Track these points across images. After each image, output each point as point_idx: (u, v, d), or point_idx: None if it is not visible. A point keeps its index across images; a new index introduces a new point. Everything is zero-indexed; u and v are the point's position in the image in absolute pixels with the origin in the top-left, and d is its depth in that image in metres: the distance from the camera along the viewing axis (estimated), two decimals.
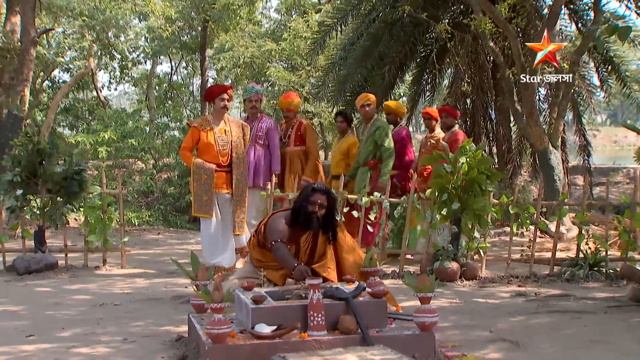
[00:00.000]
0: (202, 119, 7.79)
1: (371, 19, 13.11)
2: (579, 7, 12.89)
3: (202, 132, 7.57)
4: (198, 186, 7.50)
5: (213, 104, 7.73)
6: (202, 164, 7.53)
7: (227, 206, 7.69)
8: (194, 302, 4.83)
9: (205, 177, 7.49)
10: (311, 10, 19.35)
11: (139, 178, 17.01)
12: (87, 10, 18.15)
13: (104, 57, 21.21)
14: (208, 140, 7.56)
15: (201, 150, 7.60)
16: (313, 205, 5.19)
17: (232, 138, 7.67)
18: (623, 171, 20.20)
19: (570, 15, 13.16)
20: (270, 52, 18.19)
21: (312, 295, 4.32)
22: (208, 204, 7.51)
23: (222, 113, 7.69)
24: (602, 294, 6.57)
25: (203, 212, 7.52)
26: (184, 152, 7.68)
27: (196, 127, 7.60)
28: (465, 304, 6.19)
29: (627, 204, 7.88)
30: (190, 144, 7.64)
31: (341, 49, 13.92)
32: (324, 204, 5.21)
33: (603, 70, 13.41)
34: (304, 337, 4.18)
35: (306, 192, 5.28)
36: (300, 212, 5.23)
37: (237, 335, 4.22)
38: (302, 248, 5.28)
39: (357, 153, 8.86)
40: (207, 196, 7.50)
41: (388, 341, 4.25)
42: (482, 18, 10.12)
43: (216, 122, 7.68)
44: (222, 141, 7.62)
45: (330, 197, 5.29)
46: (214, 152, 7.57)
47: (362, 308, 4.42)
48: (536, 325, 5.23)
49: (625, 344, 4.53)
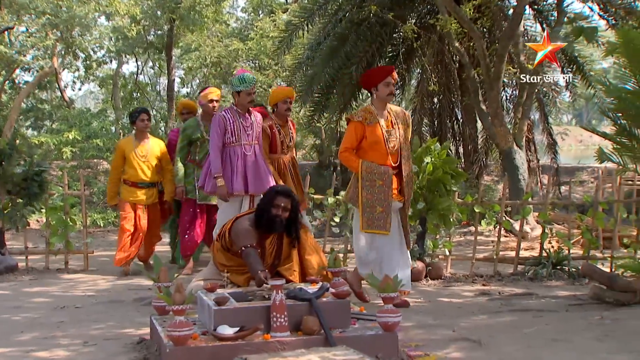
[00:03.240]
0: (364, 110, 6.19)
1: (338, 18, 13.13)
2: (543, 7, 13.04)
3: (368, 128, 6.08)
4: (370, 195, 6.01)
5: (374, 91, 6.14)
6: (375, 167, 6.02)
7: (398, 217, 6.22)
8: (155, 304, 4.77)
9: (380, 182, 6.01)
10: (278, 9, 19.29)
11: (104, 179, 16.79)
12: (50, 9, 17.88)
13: (67, 57, 20.91)
14: (375, 136, 6.06)
15: (364, 149, 6.11)
16: (277, 208, 5.21)
17: (400, 132, 6.19)
18: (588, 170, 20.45)
19: (535, 15, 13.32)
20: (237, 51, 18.10)
21: (275, 296, 4.30)
22: (383, 217, 5.99)
23: (387, 102, 6.21)
24: (564, 292, 6.65)
25: (377, 227, 6.00)
26: (347, 154, 6.13)
27: (360, 122, 6.09)
28: (430, 304, 6.22)
29: (589, 202, 7.97)
30: (355, 142, 6.10)
31: (308, 49, 13.92)
32: (287, 207, 5.23)
33: (568, 70, 13.58)
34: (267, 339, 4.16)
35: (270, 196, 5.29)
36: (263, 215, 5.23)
37: (199, 337, 4.19)
38: (267, 251, 5.28)
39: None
40: (383, 207, 5.99)
41: (351, 341, 4.24)
42: (448, 18, 10.19)
43: (380, 113, 6.15)
44: (390, 137, 6.13)
45: (293, 200, 5.29)
46: (383, 150, 6.07)
47: (325, 309, 4.40)
48: (498, 324, 5.26)
49: (585, 342, 4.57)
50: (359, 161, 6.05)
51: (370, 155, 6.07)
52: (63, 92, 22.21)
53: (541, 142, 15.03)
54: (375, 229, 5.99)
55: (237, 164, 6.69)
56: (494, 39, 12.47)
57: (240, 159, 6.71)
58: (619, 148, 6.62)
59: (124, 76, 25.02)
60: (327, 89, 13.38)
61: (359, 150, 6.13)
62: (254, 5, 20.85)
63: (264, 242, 5.28)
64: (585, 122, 44.74)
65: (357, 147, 6.12)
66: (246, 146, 6.74)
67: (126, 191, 7.71)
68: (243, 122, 6.73)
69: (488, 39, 12.66)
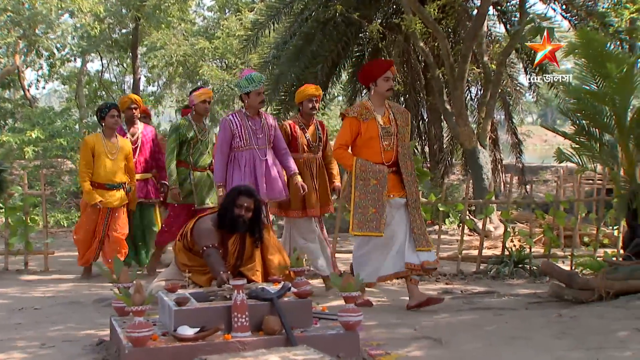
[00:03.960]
0: (360, 106, 6.00)
1: (304, 18, 13.13)
2: (506, 8, 13.18)
3: (363, 124, 5.86)
4: (363, 195, 5.79)
5: (373, 86, 5.92)
6: (370, 165, 5.83)
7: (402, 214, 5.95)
8: (115, 304, 4.72)
9: (374, 182, 5.79)
10: (244, 8, 19.23)
11: (68, 178, 16.59)
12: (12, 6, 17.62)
13: (30, 54, 20.62)
14: (370, 133, 5.86)
15: (359, 146, 5.93)
16: (240, 208, 5.18)
17: (398, 129, 5.97)
18: (552, 170, 20.73)
19: (499, 16, 13.46)
20: (203, 50, 18.03)
21: (236, 296, 4.28)
22: (377, 218, 5.74)
23: (386, 97, 6.02)
24: (525, 290, 6.73)
25: (369, 228, 5.76)
26: (341, 151, 5.95)
27: (355, 118, 5.88)
28: (393, 302, 6.25)
29: (550, 201, 8.08)
30: (349, 139, 5.90)
31: (274, 48, 13.91)
32: (250, 207, 5.21)
33: (531, 70, 13.75)
34: (228, 339, 4.14)
35: (232, 196, 5.26)
36: (226, 215, 5.21)
37: (159, 338, 4.15)
38: (230, 251, 5.26)
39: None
40: (376, 207, 5.76)
41: (312, 341, 4.23)
42: (412, 18, 10.25)
43: (378, 109, 5.93)
44: (386, 133, 5.91)
45: (256, 200, 5.28)
46: (377, 148, 5.88)
47: (286, 308, 4.39)
48: (459, 322, 5.30)
49: (544, 339, 4.63)
50: (354, 159, 5.85)
51: (365, 152, 5.86)
52: (26, 90, 21.90)
53: (506, 142, 15.20)
54: (367, 230, 5.74)
55: (246, 170, 6.29)
56: (458, 39, 12.58)
57: (250, 164, 6.31)
58: (578, 148, 6.73)
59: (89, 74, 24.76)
60: (293, 88, 13.34)
61: (353, 147, 5.94)
62: (220, 4, 20.77)
63: (226, 242, 5.26)
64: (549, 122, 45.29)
65: (352, 144, 5.93)
66: (257, 150, 6.32)
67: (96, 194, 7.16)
68: (252, 125, 6.32)
69: (453, 39, 12.77)
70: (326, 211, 6.91)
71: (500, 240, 8.80)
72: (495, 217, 10.18)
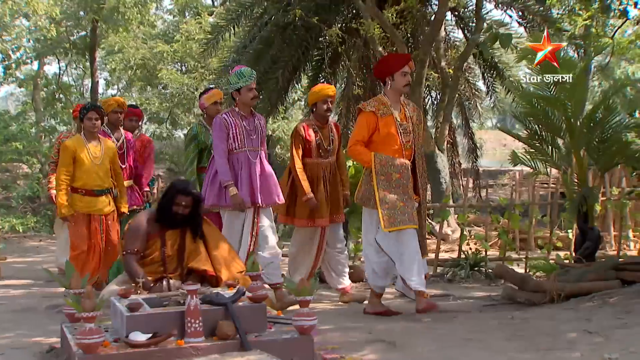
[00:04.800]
0: (376, 101, 5.68)
1: (263, 22, 13.13)
2: (464, 14, 13.32)
3: (381, 119, 5.57)
4: (387, 191, 5.44)
5: (390, 81, 5.66)
6: (390, 159, 5.50)
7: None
8: (67, 311, 4.66)
9: (397, 175, 5.48)
10: (204, 12, 19.16)
11: (24, 183, 16.35)
12: None
13: None
14: (388, 129, 5.55)
15: (376, 143, 5.58)
16: (177, 206, 5.19)
17: (413, 127, 5.70)
18: (510, 173, 21.01)
19: (457, 22, 13.60)
20: (162, 54, 17.91)
21: (189, 301, 4.25)
22: (408, 211, 5.40)
23: (403, 93, 5.75)
24: (480, 293, 6.80)
25: (402, 222, 5.39)
26: (358, 147, 5.60)
27: (373, 113, 5.58)
28: (349, 306, 6.27)
29: (505, 205, 8.19)
30: (366, 135, 5.57)
31: (234, 52, 13.88)
32: (188, 204, 5.22)
33: (489, 76, 13.93)
34: (180, 344, 4.11)
35: (171, 194, 5.25)
36: (164, 211, 5.22)
37: (110, 344, 4.10)
38: (167, 242, 5.23)
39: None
40: (404, 201, 5.44)
41: (266, 346, 4.23)
42: (371, 23, 10.31)
43: (394, 105, 5.66)
44: (404, 131, 5.61)
45: (194, 196, 5.27)
46: (397, 145, 5.56)
47: (241, 313, 4.38)
48: (414, 325, 5.33)
49: (496, 342, 4.67)
50: (371, 154, 5.48)
51: (382, 150, 5.50)
52: None
53: (464, 146, 15.37)
54: (401, 224, 5.35)
55: (241, 173, 5.97)
56: (417, 44, 12.66)
57: (245, 167, 5.98)
58: (532, 152, 6.83)
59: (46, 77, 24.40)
60: None
61: (370, 144, 5.56)
62: (180, 7, 20.66)
63: (164, 233, 5.24)
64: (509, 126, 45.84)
65: (368, 141, 5.57)
66: (251, 152, 6.00)
67: (80, 202, 6.38)
68: (246, 125, 5.97)
69: (412, 44, 12.86)
70: (336, 220, 6.49)
71: (456, 243, 8.89)
72: (453, 220, 10.28)
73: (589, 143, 6.62)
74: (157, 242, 5.21)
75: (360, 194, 5.66)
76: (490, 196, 15.76)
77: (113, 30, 19.13)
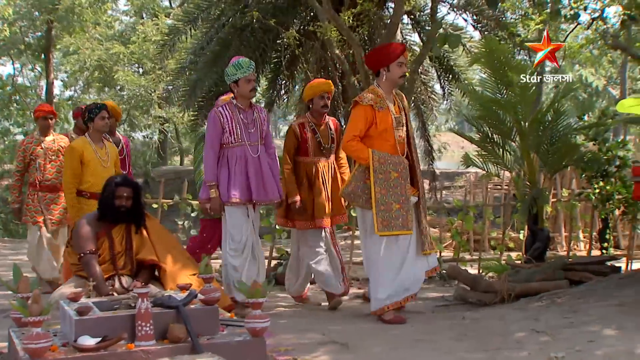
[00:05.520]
0: (372, 93, 5.43)
1: (221, 23, 13.10)
2: (420, 17, 13.46)
3: (378, 113, 5.35)
4: (384, 190, 5.27)
5: (385, 72, 5.46)
6: (388, 156, 5.32)
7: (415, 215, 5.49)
8: (14, 315, 4.58)
9: (395, 174, 5.29)
10: (161, 13, 19.02)
11: None
12: None
13: None
14: (386, 123, 5.35)
15: (372, 138, 5.37)
16: (119, 199, 5.17)
17: (407, 119, 5.55)
18: (467, 175, 21.27)
19: (413, 25, 13.74)
20: (119, 55, 17.73)
21: (140, 304, 4.22)
22: (402, 215, 5.25)
23: (398, 85, 5.55)
24: (434, 294, 6.88)
25: (396, 227, 5.26)
26: (355, 143, 5.37)
27: (370, 106, 5.36)
28: (304, 308, 6.29)
29: (459, 207, 8.29)
30: (364, 129, 5.33)
31: (191, 53, 13.83)
32: (130, 196, 5.20)
33: (445, 79, 14.09)
34: (131, 348, 4.07)
35: (110, 188, 5.22)
36: (107, 207, 5.19)
37: (58, 349, 4.05)
38: (115, 240, 5.22)
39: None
40: (400, 203, 5.28)
41: (217, 348, 4.21)
42: (328, 26, 10.34)
43: (388, 97, 5.44)
44: (398, 124, 5.42)
45: (135, 187, 5.26)
46: (392, 140, 5.38)
47: (193, 315, 4.36)
48: (367, 327, 5.37)
49: (446, 342, 4.74)
50: (369, 151, 5.25)
51: (378, 145, 5.30)
52: None
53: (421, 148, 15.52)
54: (395, 229, 5.21)
55: (236, 169, 5.70)
56: (374, 46, 12.74)
57: (241, 162, 5.72)
58: (483, 154, 6.93)
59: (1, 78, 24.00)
60: (210, 93, 13.28)
61: (364, 139, 5.35)
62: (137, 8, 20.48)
63: (110, 231, 5.22)
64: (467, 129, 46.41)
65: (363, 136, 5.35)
66: (249, 146, 5.73)
67: (87, 205, 6.13)
68: (244, 118, 5.72)
69: (369, 46, 12.94)
70: (339, 221, 6.32)
71: None
72: None
73: (539, 145, 6.75)
74: (104, 241, 5.18)
75: (350, 189, 5.42)
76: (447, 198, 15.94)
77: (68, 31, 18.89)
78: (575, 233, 9.57)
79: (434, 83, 14.82)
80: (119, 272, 5.14)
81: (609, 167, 7.61)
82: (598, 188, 7.75)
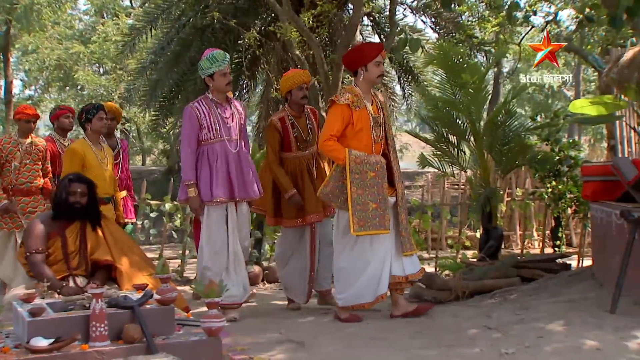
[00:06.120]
0: (349, 91, 5.34)
1: (181, 24, 13.06)
2: (380, 19, 13.57)
3: (355, 112, 5.27)
4: (360, 190, 5.18)
5: (363, 72, 5.37)
6: (365, 156, 5.24)
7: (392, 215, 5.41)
8: None
9: (372, 174, 5.22)
10: (122, 13, 18.88)
11: None
12: None
13: None
14: (362, 123, 5.27)
15: (348, 138, 5.29)
16: (74, 195, 5.12)
17: (385, 119, 5.46)
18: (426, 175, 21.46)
19: (373, 27, 13.84)
20: (79, 54, 17.56)
21: (94, 305, 4.22)
22: (379, 214, 5.18)
23: (376, 84, 5.52)
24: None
25: (372, 226, 5.18)
26: (331, 143, 5.26)
27: (347, 105, 5.26)
28: (262, 307, 6.33)
29: (416, 206, 8.40)
30: (340, 129, 5.24)
31: (152, 53, 13.78)
32: (84, 192, 5.16)
33: (404, 79, 14.23)
34: (85, 349, 4.07)
35: (64, 185, 5.19)
36: (61, 205, 5.14)
37: (10, 350, 4.03)
38: (68, 239, 5.16)
39: None
40: (377, 202, 5.19)
41: (173, 348, 4.22)
42: (288, 27, 10.38)
43: (366, 97, 5.37)
44: (376, 124, 5.35)
45: (89, 184, 5.21)
46: (368, 140, 5.32)
47: (148, 316, 4.37)
48: (323, 325, 5.42)
49: (401, 339, 4.80)
50: (345, 151, 5.18)
51: (354, 145, 5.23)
52: None
53: None
54: (371, 229, 5.14)
55: (217, 165, 5.52)
56: (334, 47, 12.82)
57: (222, 159, 5.53)
58: (438, 154, 7.05)
59: None
60: (171, 94, 13.25)
61: (341, 138, 5.26)
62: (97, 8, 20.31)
63: (64, 230, 5.16)
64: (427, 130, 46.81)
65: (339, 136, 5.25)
66: (228, 142, 5.55)
67: None
68: (221, 112, 5.55)
69: (330, 47, 13.02)
70: (328, 214, 6.13)
71: None
72: None
73: (493, 145, 6.87)
74: (57, 240, 5.11)
75: (328, 189, 5.32)
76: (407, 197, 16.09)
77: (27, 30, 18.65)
78: (529, 231, 9.76)
79: (394, 84, 14.97)
80: (73, 272, 5.09)
81: (561, 166, 7.79)
82: (551, 187, 7.93)
